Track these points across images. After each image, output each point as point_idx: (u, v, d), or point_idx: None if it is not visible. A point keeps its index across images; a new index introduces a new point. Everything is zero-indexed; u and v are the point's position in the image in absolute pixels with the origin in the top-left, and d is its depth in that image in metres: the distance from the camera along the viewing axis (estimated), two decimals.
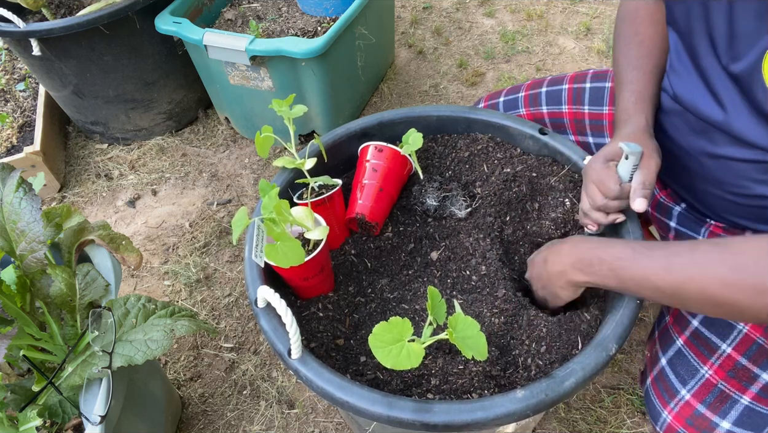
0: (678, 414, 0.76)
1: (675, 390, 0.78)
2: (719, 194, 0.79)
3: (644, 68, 0.81)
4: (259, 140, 0.84)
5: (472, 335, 0.62)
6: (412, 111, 1.01)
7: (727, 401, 0.74)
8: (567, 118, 1.03)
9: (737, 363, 0.75)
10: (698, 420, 0.75)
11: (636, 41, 0.83)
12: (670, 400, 0.78)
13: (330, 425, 1.19)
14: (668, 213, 0.91)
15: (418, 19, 2.24)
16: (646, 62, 0.81)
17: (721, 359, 0.76)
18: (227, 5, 1.77)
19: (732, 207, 0.79)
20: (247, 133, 1.82)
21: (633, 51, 0.83)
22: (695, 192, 0.84)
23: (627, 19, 0.86)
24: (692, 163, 0.80)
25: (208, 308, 1.40)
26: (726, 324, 0.77)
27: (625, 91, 0.81)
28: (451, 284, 0.89)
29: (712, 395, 0.75)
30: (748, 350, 0.75)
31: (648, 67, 0.81)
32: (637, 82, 0.81)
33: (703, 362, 0.77)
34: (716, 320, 0.78)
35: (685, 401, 0.76)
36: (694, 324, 0.80)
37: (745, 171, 0.72)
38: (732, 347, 0.76)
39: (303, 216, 0.81)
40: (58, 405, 0.79)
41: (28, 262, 0.83)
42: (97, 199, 1.71)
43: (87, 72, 1.60)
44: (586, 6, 2.24)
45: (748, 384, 0.74)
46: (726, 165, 0.74)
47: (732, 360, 0.75)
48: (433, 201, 0.93)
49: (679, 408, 0.76)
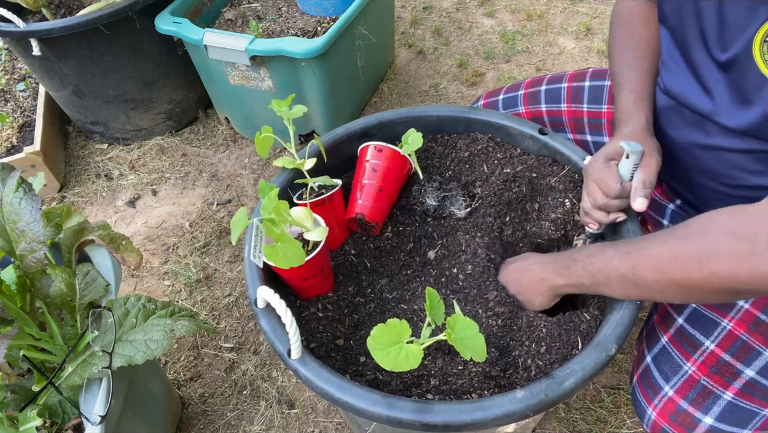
0: (662, 410, 0.77)
1: (659, 387, 0.78)
2: (714, 187, 0.80)
3: (641, 68, 0.82)
4: (259, 140, 0.85)
5: (470, 335, 0.62)
6: (412, 111, 1.01)
7: (710, 397, 0.74)
8: (566, 116, 1.03)
9: (720, 359, 0.75)
10: (681, 416, 0.75)
11: (632, 43, 0.84)
12: (654, 396, 0.78)
13: (330, 425, 1.19)
14: (662, 211, 0.92)
15: (418, 19, 2.24)
16: (643, 63, 0.82)
17: (704, 356, 0.76)
18: (227, 5, 1.77)
19: (728, 200, 0.79)
20: (247, 133, 1.82)
21: (629, 53, 0.84)
22: (690, 186, 0.85)
23: (621, 23, 0.88)
24: (686, 156, 0.81)
25: (208, 308, 1.40)
26: (710, 321, 0.77)
27: (623, 90, 0.82)
28: (448, 283, 0.89)
29: (694, 390, 0.75)
30: (732, 346, 0.75)
31: (644, 67, 0.82)
32: (635, 81, 0.82)
33: (686, 359, 0.77)
34: (701, 318, 0.79)
35: (668, 397, 0.77)
36: (679, 321, 0.80)
37: (738, 161, 0.73)
38: (715, 343, 0.76)
39: (302, 216, 0.81)
40: (58, 405, 0.79)
41: (28, 262, 0.83)
42: (97, 199, 1.71)
43: (87, 72, 1.60)
44: (586, 6, 2.23)
45: (731, 380, 0.74)
46: (719, 156, 0.76)
47: (715, 356, 0.75)
48: (432, 201, 0.93)
49: (663, 404, 0.77)
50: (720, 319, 0.77)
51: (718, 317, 0.77)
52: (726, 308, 0.77)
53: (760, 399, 0.73)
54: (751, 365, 0.74)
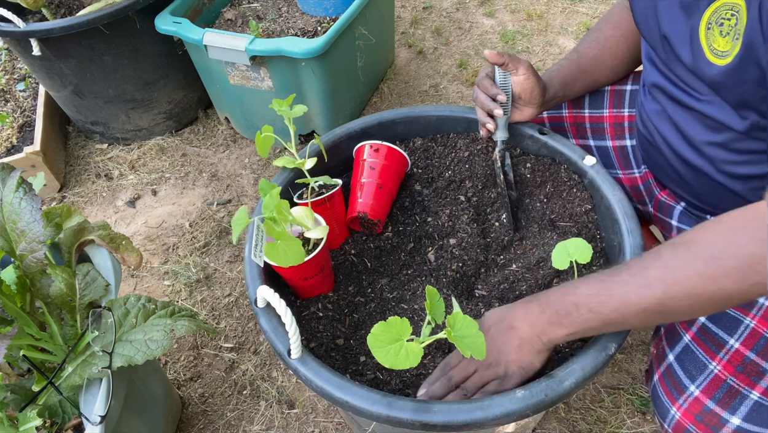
0: (687, 410, 0.76)
1: (684, 386, 0.77)
2: (707, 183, 0.81)
3: (581, 57, 0.96)
4: (259, 140, 0.85)
5: (470, 334, 0.62)
6: (412, 111, 1.01)
7: (737, 397, 0.74)
8: (567, 122, 1.04)
9: (745, 358, 0.74)
10: (707, 416, 0.74)
11: (593, 37, 0.97)
12: (679, 396, 0.77)
13: (330, 425, 1.19)
14: (670, 212, 0.92)
15: (418, 19, 2.24)
16: (588, 51, 0.96)
17: (729, 354, 0.75)
18: (227, 5, 1.77)
19: (723, 195, 0.80)
20: (247, 133, 1.82)
21: (583, 42, 0.98)
22: (686, 186, 0.86)
23: (601, 20, 0.99)
24: (677, 157, 0.83)
25: (208, 308, 1.40)
26: (733, 319, 0.77)
27: (562, 61, 0.98)
28: (448, 283, 0.89)
29: (721, 390, 0.74)
30: (756, 344, 0.74)
31: (587, 54, 0.96)
32: (567, 63, 0.97)
33: (711, 358, 0.77)
34: (722, 315, 0.78)
35: (694, 397, 0.76)
36: (701, 320, 0.80)
37: (717, 155, 0.76)
38: (740, 341, 0.75)
39: (303, 216, 0.81)
40: (58, 405, 0.79)
41: (28, 262, 0.83)
42: (97, 199, 1.71)
43: (87, 72, 1.60)
44: (586, 6, 2.24)
45: (758, 379, 0.73)
46: (704, 151, 0.78)
47: (740, 355, 0.75)
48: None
49: (688, 404, 0.76)
50: (743, 317, 0.76)
51: (740, 315, 0.76)
52: (748, 305, 0.76)
53: None
54: None
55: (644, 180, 0.97)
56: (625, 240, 0.80)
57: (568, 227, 0.91)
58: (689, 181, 0.84)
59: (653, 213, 0.97)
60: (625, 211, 0.82)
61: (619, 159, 1.00)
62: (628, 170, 1.00)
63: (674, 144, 0.82)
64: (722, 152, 0.76)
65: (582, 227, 0.90)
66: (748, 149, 0.73)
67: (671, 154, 0.84)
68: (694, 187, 0.84)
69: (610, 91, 1.00)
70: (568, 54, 0.98)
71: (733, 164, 0.76)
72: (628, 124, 0.98)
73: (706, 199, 0.84)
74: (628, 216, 0.82)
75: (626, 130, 0.98)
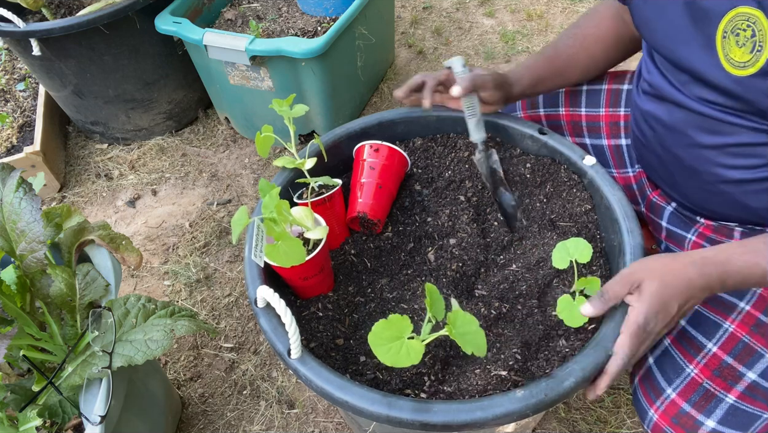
0: (664, 413, 0.77)
1: (661, 389, 0.78)
2: (699, 185, 0.81)
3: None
4: (259, 140, 0.85)
5: (471, 330, 0.62)
6: (412, 111, 1.01)
7: (712, 400, 0.74)
8: (564, 120, 1.04)
9: (723, 362, 0.75)
10: (683, 419, 0.75)
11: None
12: (656, 399, 0.78)
13: (330, 425, 1.19)
14: (660, 213, 0.92)
15: (418, 19, 2.24)
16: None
17: (707, 358, 0.76)
18: (227, 5, 1.77)
19: (714, 198, 0.80)
20: (247, 133, 1.82)
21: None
22: (677, 187, 0.86)
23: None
24: (670, 158, 0.83)
25: (208, 308, 1.40)
26: (712, 323, 0.77)
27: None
28: (448, 283, 0.89)
29: (697, 393, 0.75)
30: (734, 348, 0.75)
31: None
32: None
33: (689, 361, 0.77)
34: (703, 320, 0.79)
35: (670, 400, 0.77)
36: (681, 324, 0.80)
37: (713, 157, 0.76)
38: (718, 345, 0.76)
39: (303, 216, 0.81)
40: (58, 405, 0.79)
41: (28, 262, 0.83)
42: (97, 199, 1.71)
43: (87, 72, 1.60)
44: (586, 6, 2.23)
45: (734, 383, 0.74)
46: (698, 153, 0.78)
47: (718, 359, 0.75)
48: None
49: (665, 407, 0.77)
50: (722, 321, 0.77)
51: (720, 319, 0.77)
52: (727, 310, 0.77)
53: (762, 402, 0.73)
54: (753, 367, 0.74)
55: (637, 179, 0.98)
56: (625, 240, 0.80)
57: (568, 226, 0.91)
58: (681, 182, 0.84)
59: (645, 213, 0.97)
60: (625, 211, 0.82)
61: (614, 158, 1.00)
62: (622, 169, 1.00)
63: (669, 145, 0.82)
64: (717, 155, 0.76)
65: (582, 226, 0.90)
66: (746, 153, 0.73)
67: (665, 154, 0.84)
68: (686, 188, 0.84)
69: (607, 90, 1.00)
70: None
71: (727, 168, 0.76)
72: (624, 123, 0.98)
73: (696, 201, 0.84)
74: (628, 216, 0.82)
75: (622, 129, 0.99)
